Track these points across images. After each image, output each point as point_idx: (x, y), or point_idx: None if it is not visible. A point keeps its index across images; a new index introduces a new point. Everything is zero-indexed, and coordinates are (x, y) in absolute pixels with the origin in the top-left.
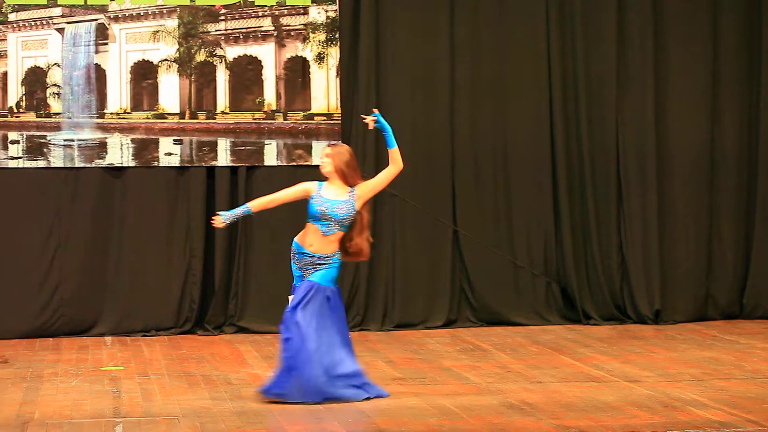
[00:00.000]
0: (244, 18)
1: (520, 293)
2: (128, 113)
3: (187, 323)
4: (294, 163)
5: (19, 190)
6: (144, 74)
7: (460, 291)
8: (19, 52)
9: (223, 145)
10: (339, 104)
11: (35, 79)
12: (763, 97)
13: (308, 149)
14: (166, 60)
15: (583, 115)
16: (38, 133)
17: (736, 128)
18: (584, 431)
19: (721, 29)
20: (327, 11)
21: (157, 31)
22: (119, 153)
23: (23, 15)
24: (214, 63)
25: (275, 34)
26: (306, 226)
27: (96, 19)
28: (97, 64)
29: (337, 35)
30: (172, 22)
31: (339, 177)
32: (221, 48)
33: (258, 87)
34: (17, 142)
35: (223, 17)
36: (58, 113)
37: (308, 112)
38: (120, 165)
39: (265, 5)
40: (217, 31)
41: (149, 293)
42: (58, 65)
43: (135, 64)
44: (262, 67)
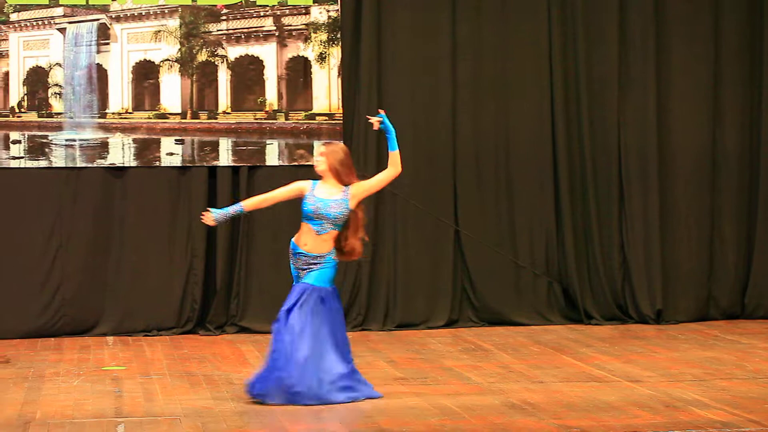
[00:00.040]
0: (246, 18)
1: (521, 293)
2: (130, 113)
3: (189, 323)
4: (295, 163)
5: (21, 190)
6: (145, 74)
7: (461, 291)
8: (21, 52)
9: (225, 145)
10: (340, 104)
11: (37, 79)
12: (765, 98)
13: (310, 149)
14: (168, 60)
15: (584, 115)
16: (40, 133)
17: (737, 129)
18: (586, 431)
19: (723, 30)
20: (328, 11)
21: (159, 31)
22: (121, 153)
23: (25, 15)
24: (216, 63)
25: (277, 34)
26: (301, 226)
27: (97, 19)
28: (98, 64)
29: (339, 35)
30: (174, 22)
31: (333, 176)
32: (223, 48)
33: (259, 87)
34: (19, 142)
35: (224, 17)
36: (60, 113)
37: (310, 112)
38: (121, 165)
39: (267, 5)
40: (218, 30)
41: (151, 293)
42: (60, 65)
43: (136, 64)
44: (264, 67)
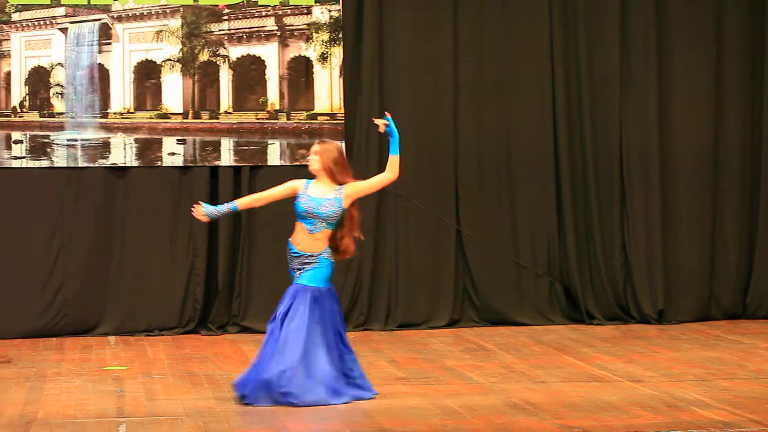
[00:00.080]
0: (248, 18)
1: (523, 293)
2: (131, 113)
3: (191, 323)
4: (297, 163)
5: (23, 190)
6: (147, 74)
7: (463, 291)
8: (23, 52)
9: (227, 145)
10: (342, 104)
11: (38, 79)
12: (767, 97)
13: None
14: (170, 60)
15: (586, 115)
16: (41, 133)
17: (739, 129)
18: (587, 431)
19: (725, 30)
20: (330, 11)
21: (161, 31)
22: (122, 153)
23: (27, 15)
24: (218, 63)
25: (278, 34)
26: (296, 226)
27: (99, 19)
28: (100, 64)
29: (341, 35)
30: (176, 22)
31: (326, 175)
32: (224, 48)
33: (261, 87)
34: (20, 142)
35: (226, 17)
36: (62, 113)
37: (311, 112)
38: (123, 165)
39: (269, 5)
40: (220, 30)
41: (152, 293)
42: (62, 65)
43: (138, 63)
44: (266, 66)
